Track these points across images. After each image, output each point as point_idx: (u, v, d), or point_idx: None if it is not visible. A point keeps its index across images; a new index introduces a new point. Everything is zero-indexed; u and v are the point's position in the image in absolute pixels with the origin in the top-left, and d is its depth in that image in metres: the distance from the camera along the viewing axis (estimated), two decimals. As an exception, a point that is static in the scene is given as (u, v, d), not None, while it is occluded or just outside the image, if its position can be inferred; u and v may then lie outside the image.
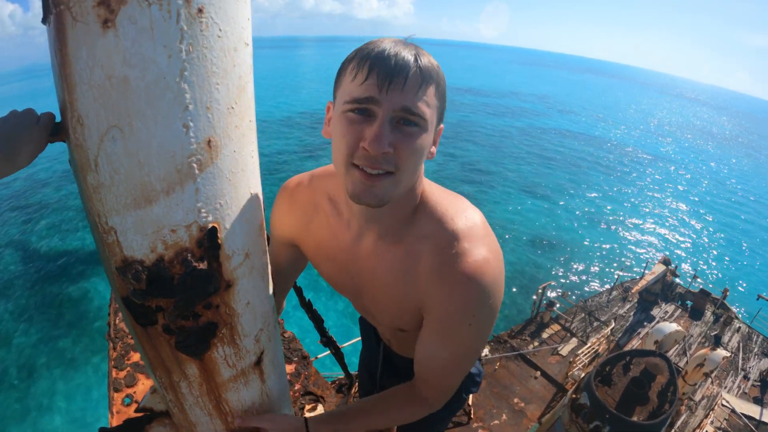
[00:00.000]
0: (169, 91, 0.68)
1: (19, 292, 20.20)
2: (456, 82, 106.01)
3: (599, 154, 47.04)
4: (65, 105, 0.72)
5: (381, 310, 1.23)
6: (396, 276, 1.10)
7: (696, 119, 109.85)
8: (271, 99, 63.98)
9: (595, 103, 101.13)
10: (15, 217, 26.85)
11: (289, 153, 35.99)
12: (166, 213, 0.75)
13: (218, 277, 0.85)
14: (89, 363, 15.77)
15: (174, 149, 0.71)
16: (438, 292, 1.01)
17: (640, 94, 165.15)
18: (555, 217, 28.92)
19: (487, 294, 0.99)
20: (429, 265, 1.03)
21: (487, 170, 36.32)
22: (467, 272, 0.97)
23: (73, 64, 0.67)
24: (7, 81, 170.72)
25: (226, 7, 0.71)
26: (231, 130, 0.78)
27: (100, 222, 0.78)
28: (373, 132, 0.85)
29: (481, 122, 56.56)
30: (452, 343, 1.06)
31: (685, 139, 70.93)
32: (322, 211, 1.23)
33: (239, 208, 0.85)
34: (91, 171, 0.73)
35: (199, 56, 0.69)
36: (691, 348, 13.20)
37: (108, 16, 0.63)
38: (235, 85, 0.77)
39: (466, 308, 1.00)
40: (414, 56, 0.87)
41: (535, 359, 11.52)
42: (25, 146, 0.79)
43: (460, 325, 1.02)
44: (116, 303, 3.48)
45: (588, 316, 14.13)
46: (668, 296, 15.70)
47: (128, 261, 0.79)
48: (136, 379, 2.44)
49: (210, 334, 0.91)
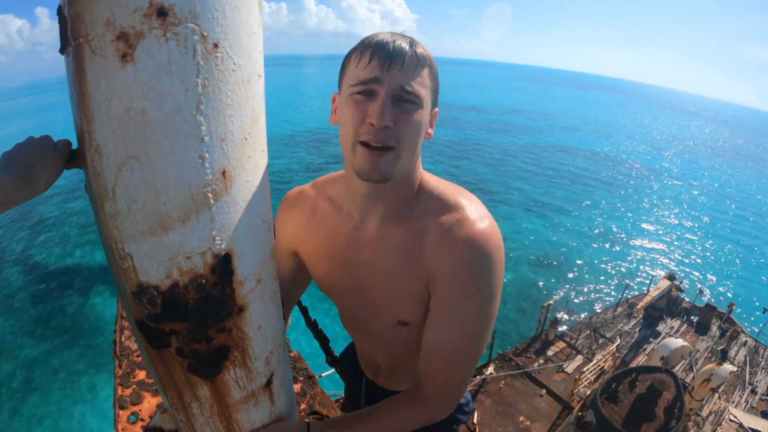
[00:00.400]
0: (186, 124, 0.70)
1: (21, 306, 20.20)
2: (459, 100, 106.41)
3: (602, 170, 47.02)
4: (83, 134, 0.74)
5: (382, 301, 1.22)
6: (401, 257, 1.13)
7: (698, 133, 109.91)
8: (275, 117, 64.30)
9: (598, 119, 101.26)
10: (18, 231, 26.94)
11: (293, 171, 36.11)
12: (181, 241, 0.77)
13: (231, 302, 0.87)
14: (91, 378, 15.72)
15: (190, 179, 0.73)
16: (446, 260, 1.05)
17: (643, 110, 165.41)
18: (559, 233, 28.84)
19: (493, 259, 1.03)
20: (434, 236, 1.07)
21: (491, 188, 36.31)
22: (473, 235, 1.03)
23: (91, 96, 0.69)
24: (15, 96, 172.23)
25: (240, 41, 0.74)
26: (245, 160, 0.81)
27: (116, 248, 0.79)
28: (377, 107, 0.95)
29: (485, 140, 56.67)
30: (461, 313, 1.07)
31: (688, 154, 70.89)
32: (320, 213, 1.28)
33: (252, 235, 0.87)
34: (108, 199, 0.75)
35: (215, 89, 0.72)
36: (698, 363, 13.10)
37: (127, 50, 0.65)
38: (249, 117, 0.79)
39: (474, 272, 1.03)
40: (409, 43, 0.99)
41: (540, 377, 11.45)
42: (43, 173, 0.81)
43: (469, 291, 1.04)
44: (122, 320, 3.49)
45: (593, 333, 14.05)
46: (674, 311, 15.61)
47: (144, 286, 0.80)
48: (141, 397, 2.44)
49: (222, 357, 0.92)
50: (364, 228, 1.19)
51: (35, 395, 15.21)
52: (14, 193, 0.76)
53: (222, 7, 0.70)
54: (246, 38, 0.75)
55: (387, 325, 1.26)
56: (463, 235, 1.03)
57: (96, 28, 0.65)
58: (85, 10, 0.65)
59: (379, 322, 1.28)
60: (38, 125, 74.82)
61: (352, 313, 1.37)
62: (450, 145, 49.99)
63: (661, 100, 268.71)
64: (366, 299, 1.25)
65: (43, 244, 25.77)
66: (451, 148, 48.54)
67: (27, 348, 17.47)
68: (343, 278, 1.26)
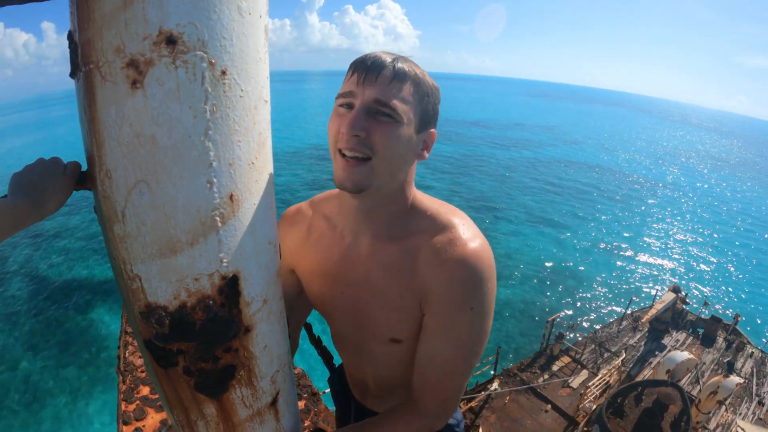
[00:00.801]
0: (195, 149, 0.72)
1: (25, 319, 20.20)
2: (463, 116, 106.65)
3: (606, 184, 47.00)
4: (93, 157, 0.76)
5: (374, 318, 1.21)
6: (394, 274, 1.13)
7: (700, 144, 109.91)
8: (280, 133, 64.57)
9: (601, 133, 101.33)
10: (24, 244, 26.97)
11: (296, 186, 36.20)
12: (189, 263, 0.78)
13: (238, 322, 0.88)
14: (94, 393, 15.67)
15: (198, 203, 0.75)
16: (439, 278, 1.05)
17: (645, 122, 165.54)
18: (563, 248, 28.78)
19: (485, 277, 1.04)
20: (428, 255, 1.08)
21: (495, 202, 36.33)
22: (465, 255, 1.03)
23: (101, 121, 0.71)
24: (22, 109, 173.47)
25: (248, 67, 0.76)
26: (251, 184, 0.82)
27: (125, 269, 0.81)
28: (349, 117, 0.98)
29: (488, 155, 56.76)
30: (455, 332, 1.08)
31: (690, 165, 70.86)
32: (317, 231, 1.30)
33: (258, 257, 0.89)
34: (118, 221, 0.77)
35: (223, 116, 0.73)
36: (704, 376, 13.00)
37: (136, 77, 0.67)
38: (256, 141, 0.81)
39: (466, 291, 1.04)
40: (392, 59, 1.00)
41: (545, 392, 11.37)
42: (53, 195, 0.82)
43: (463, 310, 1.05)
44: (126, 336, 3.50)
45: (598, 347, 13.97)
46: (679, 324, 15.52)
47: (152, 307, 0.81)
48: (145, 412, 2.44)
49: (229, 376, 0.93)
50: (357, 246, 1.20)
51: (37, 409, 15.17)
52: (24, 216, 0.77)
53: (230, 35, 0.71)
54: (253, 65, 0.77)
55: (379, 342, 1.26)
56: (456, 254, 1.04)
57: (106, 55, 0.67)
58: (95, 37, 0.67)
59: (371, 339, 1.28)
60: (44, 139, 75.25)
61: (343, 331, 1.37)
62: (453, 161, 50.08)
63: (662, 112, 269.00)
64: (358, 317, 1.25)
65: (47, 257, 25.81)
66: (455, 164, 48.61)
67: (29, 361, 17.45)
68: (336, 296, 1.26)
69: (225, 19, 0.70)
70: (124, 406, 2.70)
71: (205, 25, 0.68)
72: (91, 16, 0.67)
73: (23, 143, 73.57)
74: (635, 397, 6.39)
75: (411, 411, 1.18)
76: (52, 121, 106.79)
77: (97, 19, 0.66)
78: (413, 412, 1.17)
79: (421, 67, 1.05)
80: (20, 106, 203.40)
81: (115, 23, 0.65)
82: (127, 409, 2.50)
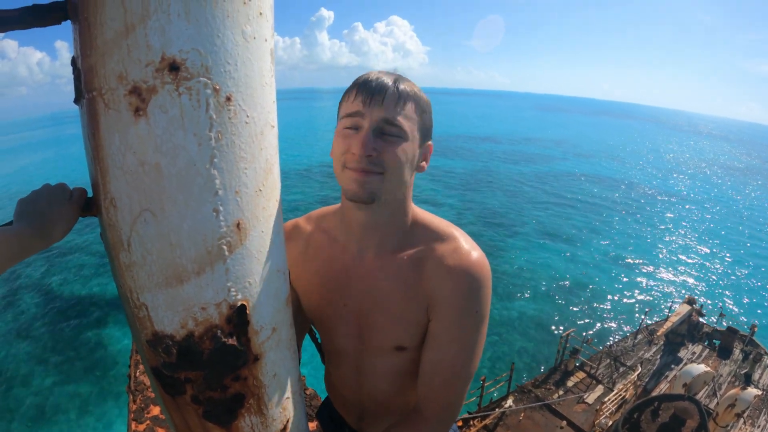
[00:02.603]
0: (200, 177, 0.71)
1: (37, 334, 20.36)
2: (472, 131, 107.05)
3: (617, 196, 46.83)
4: (98, 185, 0.75)
5: (380, 327, 1.24)
6: (401, 284, 1.18)
7: (711, 153, 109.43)
8: (290, 150, 65.13)
9: (611, 145, 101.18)
10: (36, 260, 27.17)
11: (307, 203, 36.35)
12: (196, 292, 0.77)
13: (246, 351, 0.86)
14: (104, 410, 15.72)
15: (205, 232, 0.74)
16: (446, 285, 1.12)
17: (654, 133, 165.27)
18: (575, 262, 28.64)
19: (486, 284, 1.12)
20: (433, 264, 1.14)
21: (506, 218, 36.29)
22: (469, 263, 1.11)
23: (105, 149, 0.70)
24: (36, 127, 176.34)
25: (253, 93, 0.75)
26: (259, 212, 0.81)
27: (131, 297, 0.80)
28: (359, 138, 1.02)
29: (499, 170, 56.81)
30: (460, 335, 1.13)
31: (701, 175, 70.54)
32: (314, 246, 1.33)
33: (267, 285, 0.87)
34: (123, 250, 0.75)
35: (228, 143, 0.72)
36: (721, 388, 12.81)
37: (139, 104, 0.66)
38: (262, 168, 0.80)
39: (471, 296, 1.11)
40: (393, 80, 1.05)
41: (560, 408, 11.24)
42: (58, 223, 0.81)
43: (469, 315, 1.12)
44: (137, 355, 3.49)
45: (613, 362, 13.81)
46: (695, 336, 15.34)
47: (159, 335, 0.80)
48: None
49: (238, 405, 0.92)
50: (361, 258, 1.23)
51: (48, 424, 15.22)
52: (29, 244, 0.76)
53: (234, 60, 0.70)
54: (258, 90, 0.76)
55: (383, 351, 1.28)
56: (461, 262, 1.11)
57: (109, 82, 0.66)
58: (98, 64, 0.67)
59: (375, 350, 1.29)
60: (57, 157, 76.19)
61: (343, 345, 1.36)
62: (464, 177, 50.11)
63: (672, 123, 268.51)
64: (362, 327, 1.27)
65: (60, 273, 26.04)
66: (465, 180, 48.60)
67: (40, 376, 17.55)
68: (338, 308, 1.28)
69: (229, 44, 0.69)
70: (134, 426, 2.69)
71: (209, 50, 0.67)
72: (93, 43, 0.66)
73: (38, 159, 74.67)
74: (652, 412, 6.30)
75: (417, 419, 1.20)
76: (65, 139, 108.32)
77: (100, 46, 0.66)
78: (419, 419, 1.20)
79: (416, 84, 1.12)
80: (34, 124, 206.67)
81: (117, 50, 0.65)
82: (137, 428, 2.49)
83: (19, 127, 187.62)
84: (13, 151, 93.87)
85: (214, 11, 0.66)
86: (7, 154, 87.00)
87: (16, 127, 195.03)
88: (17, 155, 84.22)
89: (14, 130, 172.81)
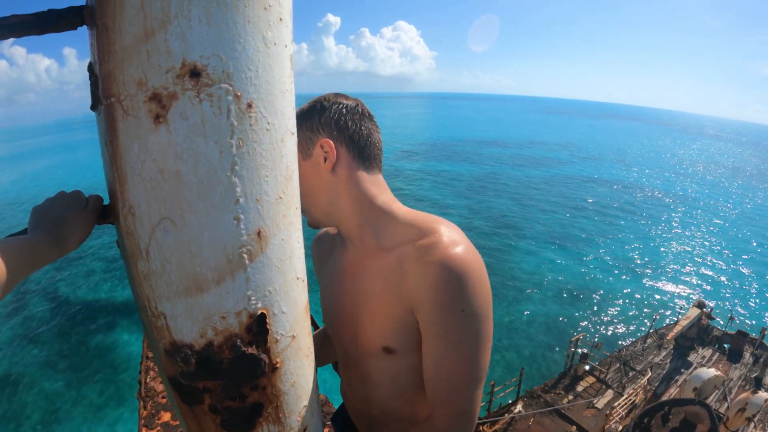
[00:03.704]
0: (221, 185, 0.70)
1: (46, 339, 20.52)
2: (479, 135, 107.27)
3: (625, 200, 46.73)
4: (115, 192, 0.74)
5: (366, 326, 1.22)
6: (382, 281, 1.16)
7: (718, 156, 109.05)
8: (299, 156, 65.12)
9: (618, 148, 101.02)
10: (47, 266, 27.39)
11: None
12: (216, 301, 0.76)
13: (266, 360, 0.86)
14: (114, 415, 15.81)
15: (225, 241, 0.73)
16: (423, 281, 1.05)
17: (662, 135, 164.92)
18: (584, 266, 28.59)
19: (470, 278, 1.03)
20: (412, 259, 1.09)
21: (514, 222, 36.28)
22: (448, 256, 1.03)
23: (124, 156, 0.69)
24: (44, 133, 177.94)
25: (274, 100, 0.74)
26: (279, 220, 0.80)
27: (149, 306, 0.79)
28: None
29: (506, 174, 56.83)
30: (451, 336, 1.06)
31: (710, 177, 70.31)
32: (326, 247, 1.42)
33: (286, 293, 0.86)
34: (141, 258, 0.75)
35: (249, 150, 0.71)
36: (732, 392, 12.71)
37: (159, 111, 0.65)
38: (283, 175, 0.79)
39: (453, 291, 1.02)
40: None
41: (570, 413, 11.18)
42: (74, 232, 0.80)
43: (453, 312, 1.03)
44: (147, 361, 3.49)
45: (623, 366, 13.76)
46: (705, 340, 15.27)
47: (177, 345, 0.79)
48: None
49: (256, 414, 0.91)
50: (356, 257, 1.25)
51: (58, 429, 15.27)
52: (44, 253, 0.75)
53: (255, 67, 0.69)
54: (279, 96, 0.75)
55: (372, 353, 1.25)
56: (438, 256, 1.04)
57: (128, 88, 0.65)
58: (116, 70, 0.66)
59: (365, 351, 1.27)
60: (66, 163, 76.81)
61: (343, 348, 1.38)
62: (471, 181, 50.13)
63: (679, 125, 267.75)
64: (353, 327, 1.27)
65: (70, 277, 26.23)
66: (473, 184, 48.63)
67: (51, 381, 17.65)
68: (338, 308, 1.31)
69: (250, 50, 0.68)
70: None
71: (230, 56, 0.66)
72: (112, 48, 0.65)
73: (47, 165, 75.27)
74: (662, 417, 6.27)
75: (430, 428, 1.15)
76: (74, 144, 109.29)
77: (118, 51, 0.65)
78: (432, 429, 1.15)
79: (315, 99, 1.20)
80: (43, 130, 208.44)
81: (136, 55, 0.64)
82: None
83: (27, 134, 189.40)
84: (21, 157, 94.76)
85: (235, 16, 0.66)
86: (16, 160, 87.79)
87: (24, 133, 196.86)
88: (26, 161, 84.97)
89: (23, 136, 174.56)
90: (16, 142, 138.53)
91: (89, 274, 26.38)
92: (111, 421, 15.51)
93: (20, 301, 23.88)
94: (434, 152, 76.42)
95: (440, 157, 69.69)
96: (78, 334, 20.64)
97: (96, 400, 16.44)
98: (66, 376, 17.83)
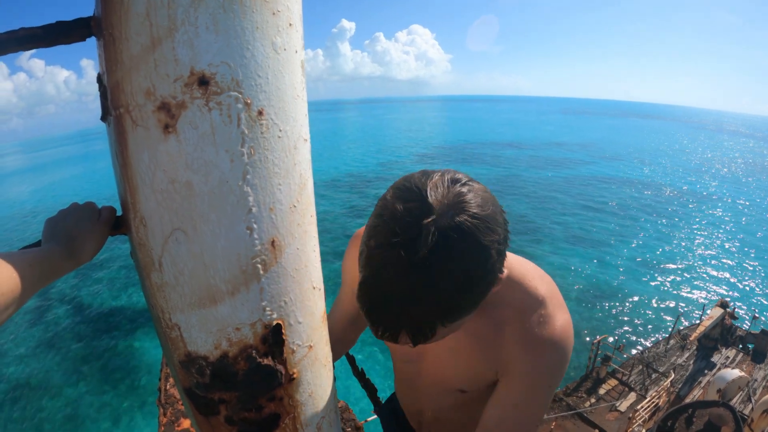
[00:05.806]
0: (233, 195, 0.68)
1: (68, 344, 20.78)
2: (497, 137, 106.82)
3: (646, 199, 46.21)
4: (127, 203, 0.74)
5: (445, 371, 1.21)
6: (476, 341, 1.11)
7: (739, 152, 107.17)
8: (316, 162, 65.65)
9: (638, 147, 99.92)
10: (67, 272, 27.85)
11: (336, 214, 36.57)
12: (230, 312, 0.75)
13: (282, 371, 0.85)
14: (135, 421, 15.92)
15: (239, 251, 0.71)
16: (524, 358, 1.03)
17: (681, 133, 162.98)
18: (605, 267, 28.31)
19: (567, 359, 1.04)
20: (514, 330, 1.05)
21: (534, 224, 36.03)
22: (554, 338, 1.01)
23: (134, 167, 0.68)
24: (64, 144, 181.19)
25: (285, 106, 0.72)
26: (294, 228, 0.79)
27: (163, 317, 0.78)
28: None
29: (525, 175, 56.51)
30: (529, 405, 1.06)
31: (730, 174, 69.30)
32: None
33: (302, 303, 0.85)
34: (155, 270, 0.74)
35: (261, 158, 0.70)
36: (756, 393, 12.47)
37: (169, 121, 0.64)
38: (296, 183, 0.77)
39: (550, 372, 1.02)
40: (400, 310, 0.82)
41: (592, 417, 11.08)
42: (88, 242, 0.80)
43: (542, 389, 1.04)
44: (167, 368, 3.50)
45: (646, 368, 13.58)
46: (728, 340, 15.04)
47: (192, 356, 0.79)
48: (187, 446, 2.42)
49: (272, 425, 0.90)
50: None
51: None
52: (58, 265, 0.74)
53: (265, 73, 0.68)
54: (290, 103, 0.73)
55: (444, 391, 1.25)
56: (546, 335, 1.02)
57: (136, 98, 0.65)
58: (124, 80, 0.65)
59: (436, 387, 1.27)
60: (84, 173, 77.94)
61: (406, 371, 1.36)
62: (490, 183, 49.67)
63: (698, 122, 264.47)
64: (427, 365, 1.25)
65: (92, 284, 26.57)
66: (491, 186, 47.99)
67: (72, 386, 17.87)
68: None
69: (259, 56, 0.67)
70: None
71: (239, 63, 0.65)
72: (119, 58, 0.65)
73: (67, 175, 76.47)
74: (686, 419, 6.16)
75: None
76: (93, 155, 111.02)
77: (125, 61, 0.64)
78: None
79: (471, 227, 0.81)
80: (62, 141, 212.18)
81: (144, 65, 0.63)
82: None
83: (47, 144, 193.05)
84: (40, 168, 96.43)
85: (243, 23, 0.64)
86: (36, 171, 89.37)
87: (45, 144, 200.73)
88: (45, 172, 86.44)
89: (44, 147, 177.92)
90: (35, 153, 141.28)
91: (111, 282, 26.71)
92: (132, 427, 15.65)
93: (43, 308, 24.27)
94: (451, 155, 76.19)
95: (457, 159, 69.42)
96: (100, 339, 20.89)
97: (117, 406, 16.61)
98: (88, 382, 18.04)
